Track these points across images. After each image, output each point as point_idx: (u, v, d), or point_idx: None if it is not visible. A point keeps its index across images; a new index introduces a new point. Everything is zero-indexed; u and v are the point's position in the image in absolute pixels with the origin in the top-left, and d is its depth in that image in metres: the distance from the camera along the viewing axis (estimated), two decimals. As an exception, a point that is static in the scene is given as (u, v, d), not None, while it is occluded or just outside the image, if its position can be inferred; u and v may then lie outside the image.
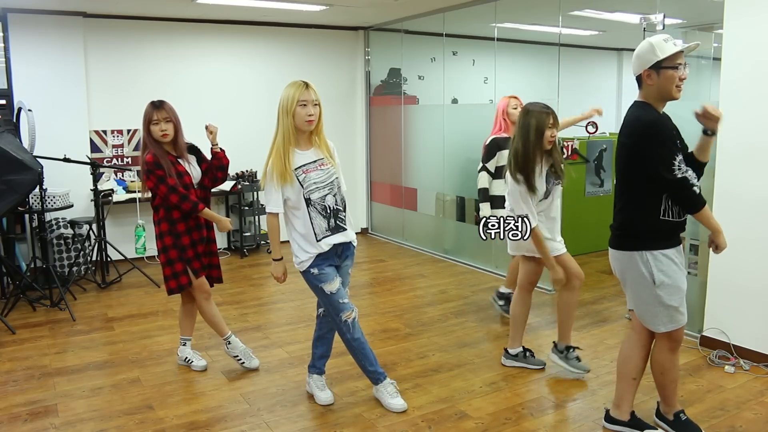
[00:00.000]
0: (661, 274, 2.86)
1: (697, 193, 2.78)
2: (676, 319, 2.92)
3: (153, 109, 3.70)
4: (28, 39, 6.20)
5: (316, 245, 3.29)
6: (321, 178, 3.29)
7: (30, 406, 3.54)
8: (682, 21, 6.31)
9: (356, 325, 3.38)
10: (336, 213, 3.34)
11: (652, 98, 2.85)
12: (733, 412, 3.41)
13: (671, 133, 2.81)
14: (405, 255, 7.29)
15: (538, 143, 3.58)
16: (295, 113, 3.19)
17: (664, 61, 2.75)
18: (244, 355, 4.03)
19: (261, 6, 6.36)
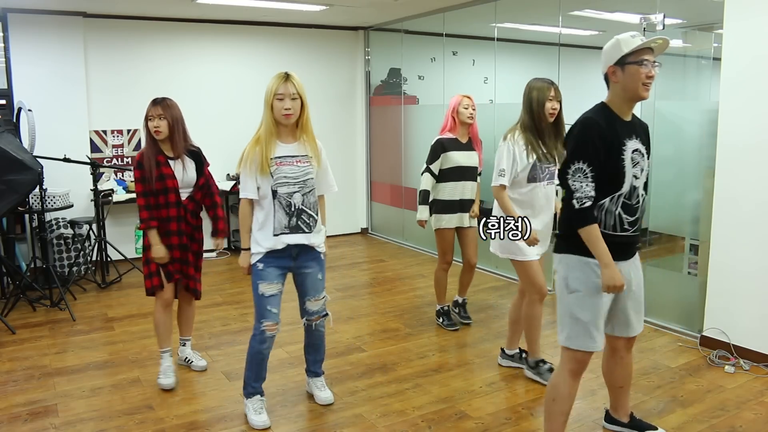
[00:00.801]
0: (576, 282, 2.67)
1: (575, 209, 2.58)
2: (580, 337, 2.67)
3: (151, 105, 3.68)
4: (28, 39, 6.20)
5: (270, 239, 3.20)
6: (293, 174, 3.19)
7: (30, 406, 3.54)
8: (682, 21, 6.30)
9: (268, 342, 3.29)
10: (300, 213, 3.23)
11: (618, 98, 2.68)
12: (733, 412, 3.41)
13: (591, 135, 2.58)
14: (405, 255, 7.29)
15: (541, 114, 3.59)
16: (273, 106, 3.15)
17: (629, 56, 2.59)
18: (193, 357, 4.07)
19: (261, 6, 6.36)
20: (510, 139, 3.63)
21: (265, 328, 3.26)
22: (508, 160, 3.60)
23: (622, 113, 2.69)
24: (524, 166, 3.59)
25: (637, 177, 2.69)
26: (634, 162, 2.66)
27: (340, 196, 9.02)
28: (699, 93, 5.64)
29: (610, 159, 2.60)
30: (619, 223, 2.68)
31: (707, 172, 4.38)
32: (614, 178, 2.63)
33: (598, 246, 2.59)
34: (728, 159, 4.09)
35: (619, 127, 2.65)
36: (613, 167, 2.62)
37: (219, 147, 7.41)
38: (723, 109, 4.09)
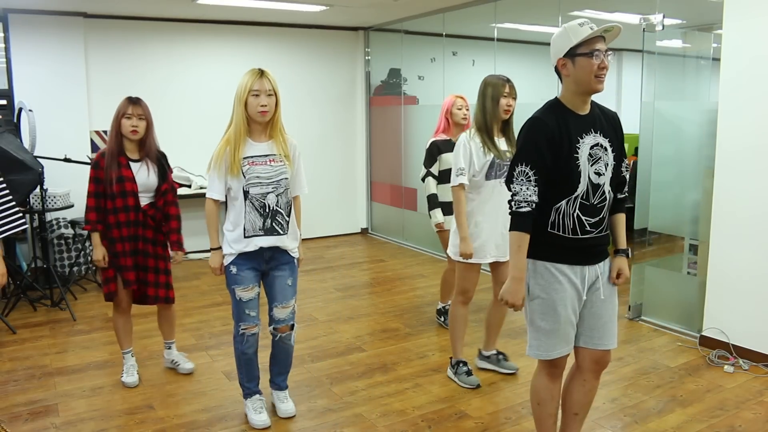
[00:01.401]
0: (537, 288, 2.50)
1: (514, 212, 2.42)
2: (546, 345, 2.53)
3: (129, 104, 3.57)
4: (28, 39, 6.20)
5: (242, 241, 3.11)
6: (266, 174, 3.09)
7: (30, 406, 3.54)
8: (682, 21, 6.31)
9: (251, 342, 3.27)
10: (275, 214, 3.14)
11: (571, 92, 2.45)
12: (733, 412, 3.41)
13: (537, 137, 2.41)
14: (405, 255, 7.29)
15: (495, 111, 3.54)
16: (247, 103, 3.04)
17: (579, 47, 2.35)
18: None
19: (261, 6, 6.37)
20: (466, 136, 3.59)
21: (244, 330, 3.24)
22: (465, 158, 3.55)
23: (577, 107, 2.46)
24: (482, 164, 3.54)
25: (600, 173, 2.45)
26: (594, 158, 2.44)
27: (340, 196, 9.06)
28: (698, 93, 5.64)
29: (560, 160, 2.40)
30: (579, 225, 2.45)
31: (707, 172, 4.39)
32: (567, 179, 2.42)
33: (517, 256, 2.43)
34: (728, 159, 4.09)
35: (572, 124, 2.43)
36: (565, 168, 2.41)
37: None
38: (722, 109, 4.09)
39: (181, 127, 7.15)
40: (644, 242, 4.98)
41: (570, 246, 2.47)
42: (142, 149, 3.64)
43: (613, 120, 2.58)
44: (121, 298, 3.72)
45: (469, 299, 3.80)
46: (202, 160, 7.28)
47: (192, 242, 7.33)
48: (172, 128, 7.08)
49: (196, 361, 4.18)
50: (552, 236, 2.46)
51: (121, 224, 3.60)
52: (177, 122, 7.12)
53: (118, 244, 3.62)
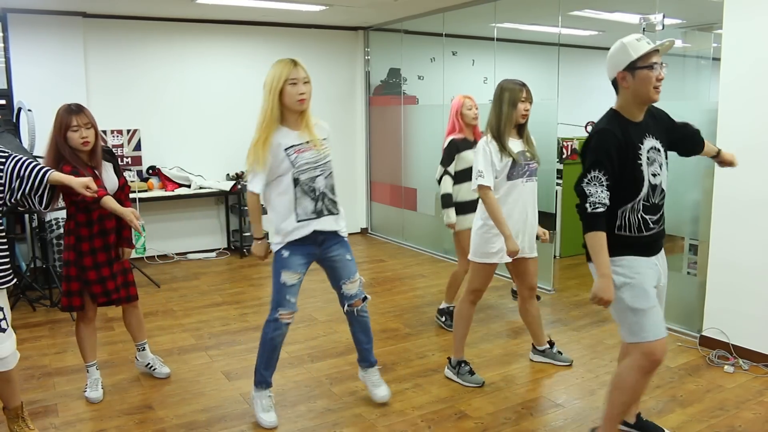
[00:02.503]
0: (620, 277, 2.66)
1: (587, 212, 2.58)
2: (645, 328, 2.66)
3: (71, 114, 3.30)
4: (28, 39, 6.20)
5: (295, 227, 3.13)
6: (314, 158, 3.13)
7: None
8: (682, 21, 6.31)
9: (283, 330, 3.25)
10: (323, 197, 3.18)
11: (629, 103, 2.68)
12: (733, 412, 3.41)
13: (608, 147, 2.60)
14: (405, 255, 7.29)
15: (511, 115, 3.57)
16: (284, 92, 3.05)
17: (639, 60, 2.58)
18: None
19: (261, 6, 6.36)
20: (485, 141, 3.60)
21: (280, 316, 3.22)
22: (484, 160, 3.55)
23: (634, 116, 2.70)
24: (503, 166, 3.57)
25: (656, 174, 2.70)
26: (650, 161, 2.68)
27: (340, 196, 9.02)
28: (698, 93, 5.65)
29: (626, 168, 2.63)
30: (643, 224, 2.70)
31: (706, 172, 4.38)
32: (632, 184, 2.65)
33: (600, 255, 2.59)
34: (728, 159, 4.08)
35: (633, 132, 2.66)
36: (630, 175, 2.64)
37: (219, 147, 7.45)
38: (722, 109, 4.09)
39: (180, 127, 7.16)
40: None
41: (636, 243, 2.70)
42: (95, 156, 3.42)
43: (660, 117, 2.85)
44: (87, 308, 3.56)
45: (479, 298, 3.81)
46: (201, 159, 7.34)
47: (191, 242, 7.35)
48: (171, 128, 7.10)
49: (196, 361, 4.18)
50: (620, 237, 2.69)
51: (94, 236, 3.43)
52: (176, 122, 7.13)
53: (87, 257, 3.45)
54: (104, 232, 3.47)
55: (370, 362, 3.56)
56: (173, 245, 7.26)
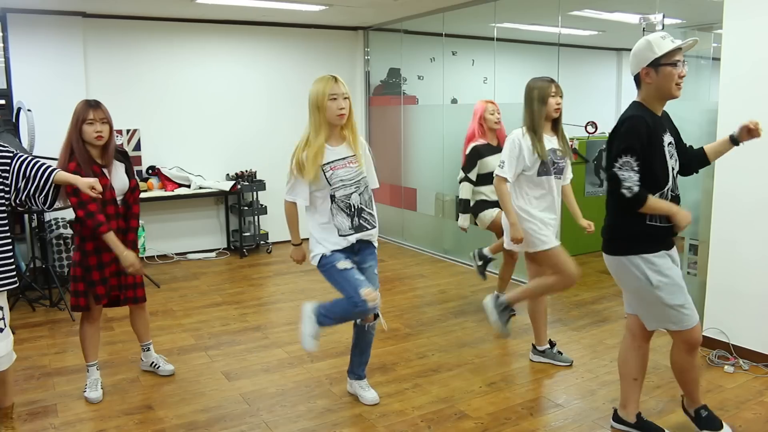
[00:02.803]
0: (657, 275, 2.82)
1: (626, 197, 2.71)
2: (682, 318, 2.85)
3: (88, 108, 3.37)
4: (27, 39, 6.19)
5: (336, 240, 3.24)
6: (348, 176, 3.23)
7: (29, 406, 3.54)
8: (682, 21, 6.31)
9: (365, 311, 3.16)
10: (360, 212, 3.28)
11: (651, 97, 2.81)
12: (733, 412, 3.41)
13: (640, 132, 2.72)
14: (404, 255, 7.29)
15: (542, 111, 3.64)
16: (326, 107, 3.16)
17: (663, 57, 2.70)
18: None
19: (261, 6, 6.36)
20: (518, 133, 3.69)
21: (366, 295, 3.10)
22: (510, 153, 3.67)
23: (656, 110, 2.83)
24: (534, 160, 3.65)
25: (674, 168, 2.87)
26: (669, 154, 2.82)
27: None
28: (698, 93, 5.65)
29: (656, 156, 2.76)
30: None
31: (706, 173, 4.38)
32: (661, 173, 2.78)
33: (663, 206, 2.76)
34: (727, 159, 4.05)
35: (656, 123, 2.79)
36: (659, 163, 2.77)
37: (219, 147, 7.45)
38: (722, 109, 4.09)
39: (180, 127, 7.15)
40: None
41: (662, 233, 2.83)
42: (105, 154, 3.46)
43: (670, 119, 2.99)
44: (93, 310, 3.59)
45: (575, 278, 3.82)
46: (200, 159, 7.33)
47: (191, 242, 7.35)
48: (171, 128, 7.10)
49: (196, 361, 4.18)
50: (650, 227, 2.81)
51: (98, 234, 3.38)
52: (176, 122, 7.12)
53: (92, 257, 3.46)
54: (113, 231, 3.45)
55: (360, 376, 3.63)
56: (173, 245, 7.26)
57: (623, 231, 2.87)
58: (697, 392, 3.08)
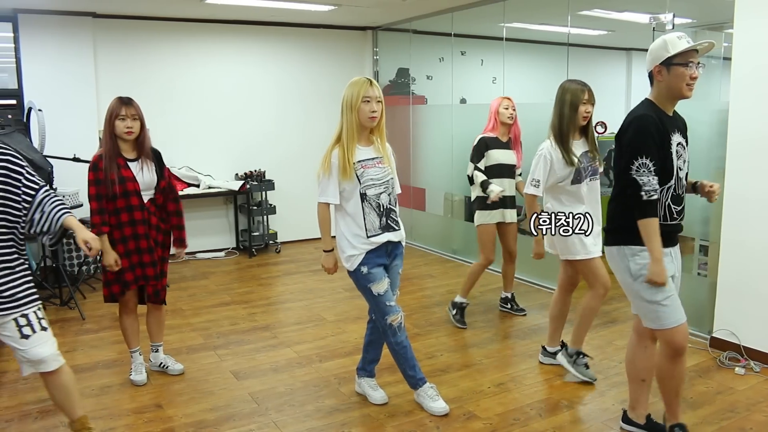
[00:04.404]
0: (639, 268, 2.80)
1: (643, 200, 2.70)
2: (660, 315, 2.81)
3: (121, 104, 3.56)
4: (38, 39, 6.23)
5: (366, 241, 3.27)
6: (378, 176, 3.29)
7: (40, 404, 3.56)
8: (692, 20, 6.28)
9: (402, 329, 3.36)
10: (389, 212, 3.33)
11: (662, 96, 2.81)
12: (744, 414, 3.39)
13: (650, 131, 2.72)
14: (413, 255, 7.28)
15: (573, 117, 3.60)
16: (359, 109, 3.21)
17: (675, 57, 2.70)
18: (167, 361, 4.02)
19: (269, 6, 6.37)
20: (548, 147, 3.64)
21: (392, 321, 3.31)
22: (544, 169, 3.63)
23: (666, 109, 2.82)
24: (567, 171, 3.62)
25: (681, 168, 2.84)
26: (678, 154, 2.81)
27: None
28: (709, 93, 5.61)
29: (662, 152, 2.74)
30: (668, 212, 2.83)
31: (717, 173, 4.35)
32: (665, 170, 2.76)
33: (655, 239, 2.71)
34: (738, 159, 4.06)
35: (666, 122, 2.78)
36: (664, 160, 2.75)
37: (228, 147, 7.46)
38: (733, 109, 4.07)
39: (189, 127, 7.17)
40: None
41: (661, 231, 2.75)
42: (137, 148, 3.64)
43: (684, 123, 2.96)
44: (127, 298, 3.76)
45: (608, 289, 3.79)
46: (210, 159, 7.35)
47: (200, 241, 7.37)
48: (179, 128, 7.12)
49: (204, 360, 4.19)
50: None
51: (123, 224, 3.60)
52: (185, 122, 7.14)
53: (119, 245, 3.62)
54: (133, 222, 3.62)
55: (371, 373, 3.67)
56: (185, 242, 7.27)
57: (622, 221, 2.84)
58: (676, 406, 2.97)
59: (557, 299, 4.01)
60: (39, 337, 2.76)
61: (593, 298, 3.78)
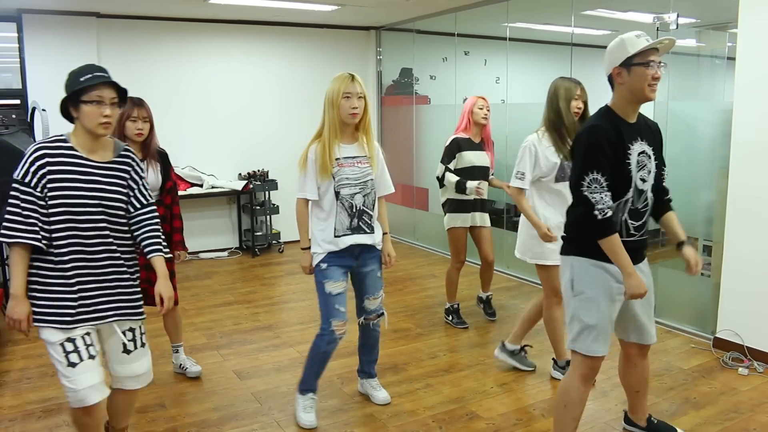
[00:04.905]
0: (582, 284, 2.63)
1: (597, 220, 2.50)
2: (585, 341, 2.63)
3: (133, 106, 3.52)
4: (42, 39, 6.24)
5: (332, 241, 3.21)
6: (354, 175, 3.21)
7: (43, 404, 3.57)
8: (696, 20, 6.26)
9: (337, 342, 3.27)
10: (362, 213, 3.25)
11: (623, 100, 2.61)
12: (747, 415, 3.38)
13: (600, 144, 2.52)
14: (416, 255, 7.28)
15: (568, 111, 3.56)
16: (339, 105, 3.15)
17: (635, 57, 2.51)
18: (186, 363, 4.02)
19: (273, 6, 6.38)
20: (533, 139, 3.60)
21: (335, 328, 3.24)
22: (529, 161, 3.57)
23: (627, 116, 2.63)
24: (551, 166, 3.56)
25: (644, 180, 2.63)
26: (640, 165, 2.61)
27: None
28: (713, 93, 5.61)
29: (615, 165, 2.54)
30: (624, 228, 2.63)
31: (721, 173, 4.35)
32: (620, 184, 2.57)
33: (621, 255, 2.52)
34: (742, 159, 4.05)
35: (624, 131, 2.58)
36: (618, 173, 2.56)
37: (231, 147, 7.47)
38: (737, 108, 4.06)
39: (192, 127, 7.18)
40: (657, 243, 4.95)
41: None
42: (144, 150, 3.61)
43: (655, 130, 2.77)
44: None
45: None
46: (213, 159, 7.36)
47: (202, 242, 7.38)
48: (183, 128, 7.13)
49: (207, 360, 4.19)
50: None
51: None
52: (188, 122, 7.15)
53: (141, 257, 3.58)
54: None
55: (371, 374, 3.64)
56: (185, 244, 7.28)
57: (574, 231, 2.69)
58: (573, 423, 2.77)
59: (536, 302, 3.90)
60: (139, 352, 2.66)
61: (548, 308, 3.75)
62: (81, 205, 2.43)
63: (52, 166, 2.45)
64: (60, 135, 2.61)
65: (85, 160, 2.53)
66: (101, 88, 2.51)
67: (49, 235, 2.40)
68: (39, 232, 2.38)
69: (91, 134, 2.55)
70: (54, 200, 2.40)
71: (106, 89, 2.52)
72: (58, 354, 2.43)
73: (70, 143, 2.57)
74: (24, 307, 2.40)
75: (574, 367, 2.72)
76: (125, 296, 2.57)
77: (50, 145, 2.53)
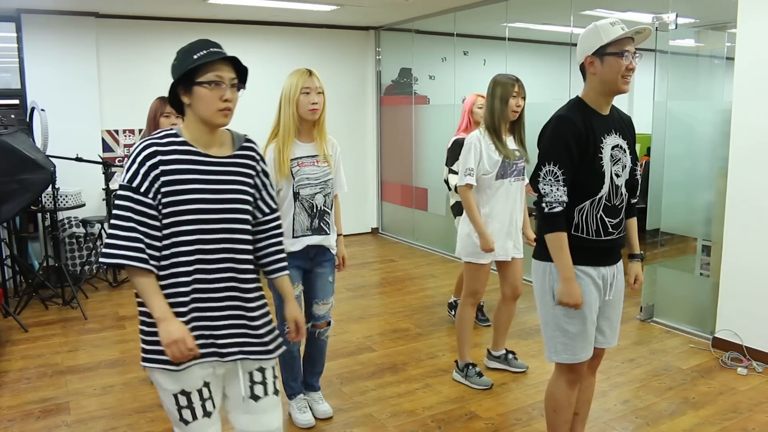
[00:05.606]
0: None
1: (544, 212, 2.39)
2: (573, 349, 2.49)
3: (165, 102, 3.46)
4: (41, 39, 6.24)
5: (290, 241, 3.05)
6: (315, 175, 3.10)
7: (42, 404, 3.56)
8: (695, 20, 6.27)
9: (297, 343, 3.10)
10: (322, 214, 3.15)
11: (595, 92, 2.44)
12: (746, 415, 3.38)
13: (564, 136, 2.37)
14: (415, 255, 7.28)
15: (503, 111, 3.51)
16: (298, 101, 3.04)
17: (609, 46, 2.35)
18: None
19: (272, 6, 6.37)
20: (477, 135, 3.56)
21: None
22: (475, 158, 3.52)
23: (600, 107, 2.46)
24: (493, 164, 3.52)
25: (618, 175, 2.46)
26: (614, 159, 2.44)
27: (351, 196, 9.02)
28: (712, 93, 5.61)
29: (586, 159, 2.39)
30: (602, 227, 2.45)
31: (720, 173, 4.35)
32: (593, 179, 2.42)
33: (561, 256, 2.39)
34: (741, 159, 4.05)
35: (596, 123, 2.42)
36: (590, 168, 2.40)
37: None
38: (736, 108, 4.06)
39: (192, 127, 7.17)
40: (656, 243, 4.95)
41: (592, 247, 2.46)
42: None
43: (628, 123, 2.60)
44: None
45: (478, 301, 3.80)
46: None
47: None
48: (183, 128, 7.11)
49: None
50: (575, 239, 2.44)
51: None
52: (188, 122, 7.14)
53: None
54: None
55: (314, 387, 3.48)
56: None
57: None
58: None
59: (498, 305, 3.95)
60: (270, 401, 2.13)
61: (463, 307, 3.77)
62: (203, 212, 1.93)
63: (166, 165, 1.93)
64: (169, 129, 2.07)
65: (204, 156, 2.03)
66: (219, 67, 2.08)
67: (159, 253, 1.90)
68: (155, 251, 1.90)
69: (207, 124, 2.05)
70: (169, 207, 1.90)
71: (225, 67, 2.09)
72: (170, 404, 2.05)
73: (183, 137, 2.04)
74: (177, 324, 1.90)
75: (560, 373, 2.61)
76: (252, 329, 2.05)
77: (160, 141, 1.99)
